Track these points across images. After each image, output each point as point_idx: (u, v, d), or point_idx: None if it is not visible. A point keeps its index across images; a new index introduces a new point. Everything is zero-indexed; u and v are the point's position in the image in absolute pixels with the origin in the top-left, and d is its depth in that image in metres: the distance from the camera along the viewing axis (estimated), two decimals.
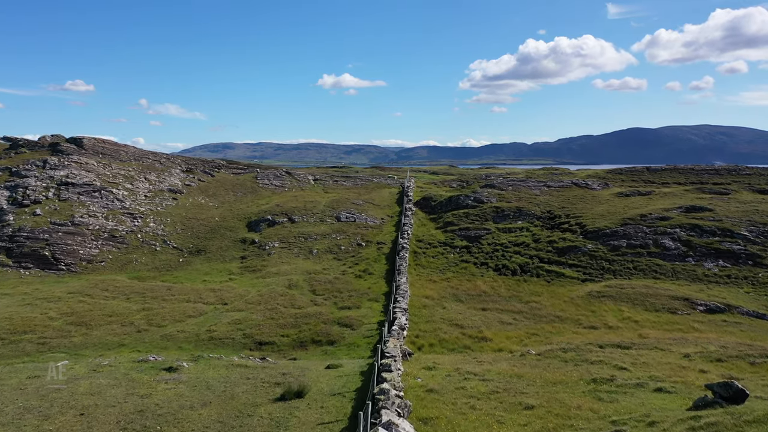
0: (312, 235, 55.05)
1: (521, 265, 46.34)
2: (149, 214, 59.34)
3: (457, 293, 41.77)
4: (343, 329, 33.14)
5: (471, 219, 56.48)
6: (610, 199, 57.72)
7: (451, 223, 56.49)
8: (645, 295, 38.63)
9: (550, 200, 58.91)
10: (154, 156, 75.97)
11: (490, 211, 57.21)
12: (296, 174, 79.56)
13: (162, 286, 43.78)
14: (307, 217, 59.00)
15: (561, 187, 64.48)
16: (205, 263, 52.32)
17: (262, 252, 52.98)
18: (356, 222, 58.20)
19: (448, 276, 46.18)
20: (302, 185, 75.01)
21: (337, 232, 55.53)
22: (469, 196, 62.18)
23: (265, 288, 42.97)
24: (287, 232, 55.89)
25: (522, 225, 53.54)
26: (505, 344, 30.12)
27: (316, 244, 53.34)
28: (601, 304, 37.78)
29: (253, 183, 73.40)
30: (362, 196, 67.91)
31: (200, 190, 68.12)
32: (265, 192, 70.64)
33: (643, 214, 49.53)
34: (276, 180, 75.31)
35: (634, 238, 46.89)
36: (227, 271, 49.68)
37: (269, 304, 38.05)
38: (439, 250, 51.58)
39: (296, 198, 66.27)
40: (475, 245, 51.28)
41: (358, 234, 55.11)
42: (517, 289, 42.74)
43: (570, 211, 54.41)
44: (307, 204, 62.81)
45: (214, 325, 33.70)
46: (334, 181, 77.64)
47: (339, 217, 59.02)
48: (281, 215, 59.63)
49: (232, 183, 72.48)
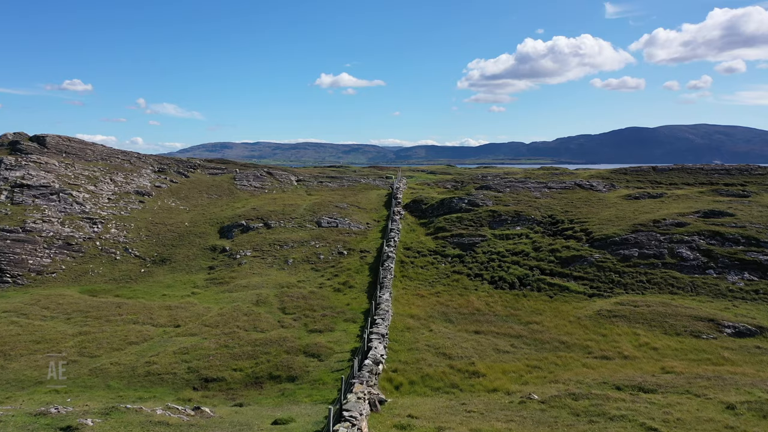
0: (288, 242, 49.77)
1: (520, 278, 41.17)
2: (111, 219, 53.98)
3: (447, 311, 36.56)
4: (308, 360, 27.88)
5: (465, 224, 51.25)
6: (618, 202, 52.49)
7: (442, 229, 51.27)
8: (663, 315, 33.46)
9: (551, 203, 53.66)
10: (124, 155, 70.50)
11: (485, 216, 51.96)
12: (278, 174, 74.15)
13: (112, 303, 38.48)
14: (284, 222, 53.69)
15: (563, 188, 59.25)
16: (168, 274, 47.03)
17: (232, 261, 47.71)
18: (338, 228, 52.93)
19: (437, 289, 41.00)
20: (284, 186, 69.65)
21: (316, 239, 50.26)
22: (462, 198, 56.92)
23: (229, 305, 37.72)
24: (261, 239, 50.59)
25: (521, 231, 48.35)
26: (501, 382, 24.89)
27: (292, 253, 48.08)
28: (613, 327, 32.58)
29: (230, 184, 67.99)
30: (347, 199, 62.60)
31: (171, 192, 62.71)
32: (242, 194, 65.26)
33: (656, 220, 44.33)
34: (256, 181, 69.93)
35: (647, 246, 41.71)
36: (191, 284, 44.41)
37: (228, 327, 32.78)
38: (429, 259, 46.38)
39: (275, 201, 60.94)
40: (469, 254, 46.09)
41: (339, 241, 49.85)
42: (516, 305, 37.55)
43: (574, 216, 49.21)
44: (286, 207, 57.50)
45: (156, 356, 28.40)
46: (318, 182, 72.32)
47: (320, 222, 53.71)
48: (256, 220, 54.33)
49: (208, 184, 67.07)
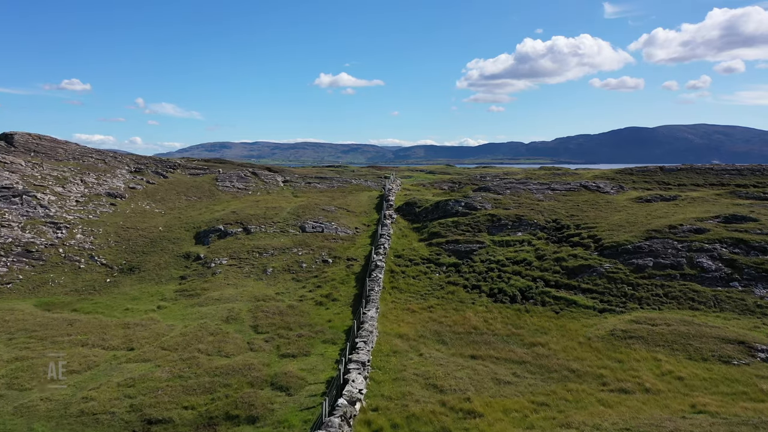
0: (269, 249, 45.55)
1: (522, 290, 37.04)
2: (78, 224, 49.74)
3: (440, 329, 32.40)
4: (275, 395, 23.68)
5: (461, 229, 47.09)
6: (628, 205, 48.33)
7: (437, 234, 47.09)
8: (686, 336, 29.32)
9: (555, 206, 49.49)
10: (98, 155, 66.23)
11: (484, 220, 47.78)
12: (263, 175, 69.90)
13: (64, 321, 34.23)
14: (265, 227, 49.47)
15: (568, 190, 55.08)
16: (136, 285, 42.81)
17: (206, 271, 43.49)
18: (324, 233, 48.71)
19: (430, 303, 36.87)
20: (269, 188, 65.44)
21: (299, 246, 46.04)
22: (459, 201, 52.72)
23: (196, 322, 33.53)
24: (239, 246, 46.38)
25: (523, 237, 44.18)
26: (503, 425, 20.73)
27: (272, 261, 43.88)
28: (629, 350, 28.43)
29: (211, 185, 63.77)
30: (335, 201, 58.42)
31: (146, 193, 58.48)
32: (223, 196, 61.04)
33: (672, 226, 40.17)
34: (239, 182, 65.72)
35: (663, 255, 37.58)
36: (159, 296, 40.20)
37: (188, 351, 28.57)
38: (422, 268, 42.23)
39: (257, 203, 56.73)
40: (466, 263, 41.95)
41: (324, 248, 45.67)
42: (518, 323, 33.41)
43: (580, 221, 45.05)
44: (269, 211, 53.28)
45: (97, 389, 24.18)
46: (306, 183, 68.10)
47: (304, 227, 49.49)
48: (235, 224, 50.09)
49: (187, 185, 62.86)
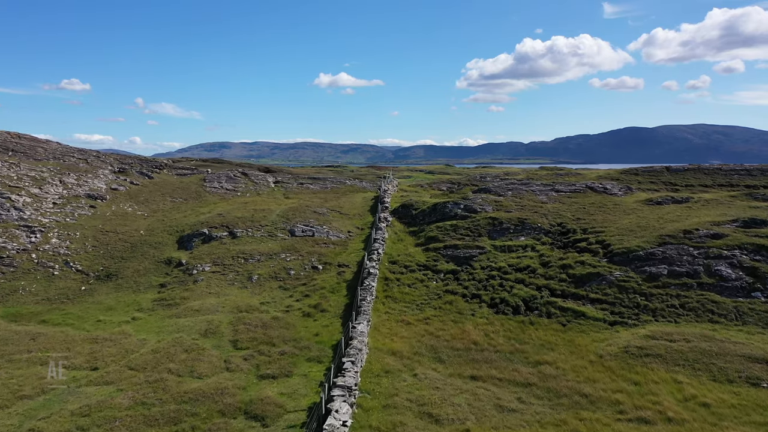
0: (255, 254, 42.72)
1: (526, 300, 34.24)
2: (53, 227, 46.86)
3: (437, 345, 29.62)
4: (248, 425, 20.85)
5: (460, 233, 44.27)
6: (638, 207, 45.52)
7: (434, 239, 44.29)
8: (708, 354, 26.55)
9: (560, 209, 46.66)
10: (80, 154, 63.36)
11: (484, 224, 44.96)
12: (253, 175, 67.05)
13: (26, 335, 31.38)
14: (252, 231, 46.61)
15: (573, 191, 52.26)
16: (112, 293, 39.95)
17: (187, 278, 40.65)
18: (315, 237, 45.88)
19: (427, 314, 34.08)
20: (259, 189, 62.64)
21: (288, 251, 43.21)
22: (458, 203, 49.88)
23: (171, 336, 30.71)
24: (224, 251, 43.53)
25: (526, 242, 41.38)
26: None
27: (258, 268, 41.05)
28: (646, 370, 25.66)
29: (198, 186, 60.93)
30: (328, 203, 55.59)
31: (129, 195, 55.62)
32: (211, 197, 58.21)
33: (687, 230, 37.38)
34: (228, 183, 62.89)
35: (678, 263, 34.79)
36: (135, 306, 37.34)
37: (157, 371, 25.75)
38: (418, 275, 39.42)
39: (245, 205, 53.88)
40: (465, 269, 39.15)
41: (314, 253, 42.84)
42: (522, 337, 30.62)
43: (588, 224, 42.24)
44: (257, 213, 50.42)
45: (47, 419, 21.32)
46: (298, 183, 65.29)
47: (293, 231, 46.64)
48: (221, 228, 47.24)
49: (173, 186, 60.02)
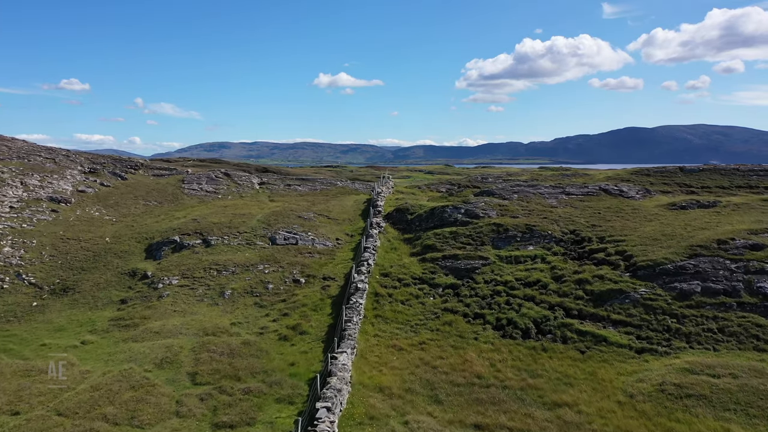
0: (230, 266, 37.93)
1: (537, 321, 29.53)
2: (7, 234, 42.06)
3: (433, 380, 24.88)
4: None
5: (461, 242, 39.52)
6: (660, 213, 40.76)
7: (432, 248, 39.53)
8: (763, 395, 21.82)
9: (572, 214, 41.89)
10: (49, 153, 58.54)
11: (488, 231, 40.19)
12: (236, 176, 62.24)
13: None
14: (229, 239, 41.83)
15: (585, 194, 47.48)
16: (66, 310, 35.14)
17: (151, 293, 35.86)
18: (298, 245, 41.10)
19: (422, 338, 29.36)
20: (242, 191, 57.88)
21: (266, 262, 38.43)
22: (458, 207, 45.09)
23: (120, 367, 25.95)
24: (195, 262, 38.75)
25: (535, 252, 36.63)
26: None
27: (232, 281, 36.27)
28: (690, 417, 20.93)
29: (176, 188, 56.17)
30: (316, 206, 50.81)
31: (98, 198, 50.84)
32: (189, 200, 53.44)
33: (721, 240, 32.64)
34: (209, 184, 58.13)
35: (714, 278, 30.07)
36: (89, 326, 32.55)
37: (89, 418, 20.96)
38: (413, 290, 34.67)
39: (225, 209, 49.10)
40: (466, 284, 34.42)
41: (297, 264, 38.07)
42: (534, 367, 25.92)
43: (604, 232, 37.48)
44: (236, 218, 45.63)
45: None
46: (285, 185, 60.54)
47: (274, 239, 41.84)
48: (194, 235, 42.43)
49: (148, 188, 55.26)
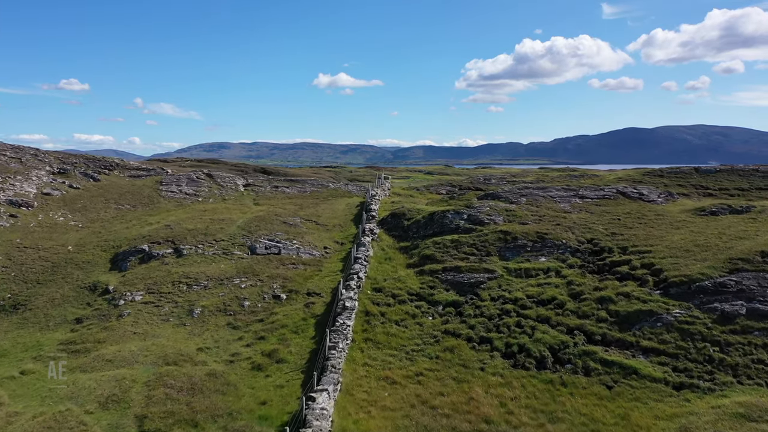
0: (202, 279, 33.50)
1: (554, 348, 25.15)
2: None
3: (432, 426, 20.45)
4: None
5: (464, 252, 35.09)
6: (688, 219, 36.34)
7: (431, 259, 35.11)
8: None
9: (588, 220, 37.47)
10: (15, 152, 54.03)
11: (494, 239, 35.77)
12: (220, 178, 57.77)
13: None
14: (203, 247, 37.39)
15: (601, 198, 43.04)
16: (13, 330, 30.69)
17: (111, 311, 31.42)
18: (281, 255, 36.67)
19: (420, 368, 24.96)
20: (225, 193, 53.47)
21: (244, 275, 34.01)
22: (460, 212, 40.65)
23: (55, 408, 21.53)
24: (164, 274, 34.31)
25: (548, 264, 32.21)
26: None
27: (203, 297, 31.84)
28: None
29: (153, 190, 51.74)
30: (304, 210, 46.39)
31: (65, 201, 46.43)
32: (166, 204, 49.01)
33: (765, 252, 28.25)
34: (189, 186, 53.71)
35: (761, 298, 25.70)
36: (35, 351, 28.12)
37: None
38: (410, 308, 30.24)
39: (203, 214, 44.67)
40: (470, 301, 30.01)
41: (278, 277, 33.63)
42: (553, 408, 21.52)
43: (626, 241, 33.07)
44: (213, 225, 41.20)
45: None
46: (272, 187, 56.10)
47: (254, 248, 37.40)
48: (165, 243, 37.98)
49: (122, 190, 50.85)
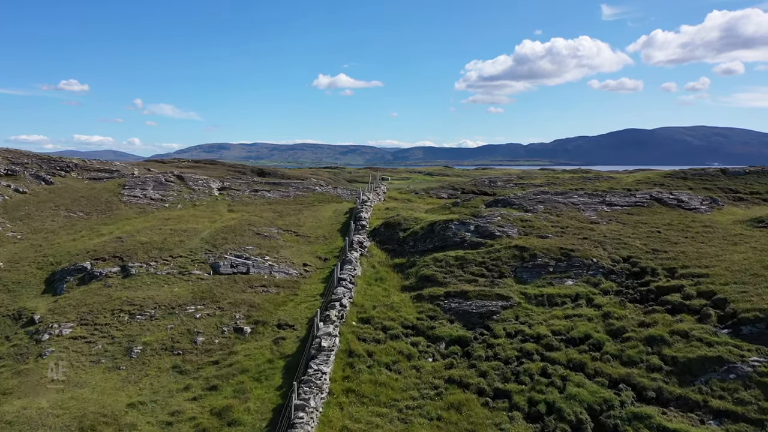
0: (148, 306, 27.17)
1: (594, 409, 18.92)
2: None
3: None
4: None
5: (471, 272, 28.78)
6: (745, 232, 30.00)
7: (430, 280, 28.77)
8: None
9: (622, 233, 31.11)
10: None
11: (508, 256, 29.45)
12: (192, 181, 51.35)
13: None
14: (156, 265, 31.04)
15: (633, 205, 36.70)
16: None
17: (31, 347, 25.09)
18: (249, 275, 30.35)
19: None
20: (197, 198, 47.19)
21: (201, 301, 27.67)
22: (466, 222, 34.26)
23: None
24: (103, 299, 27.96)
25: (577, 289, 25.93)
26: None
27: (147, 331, 25.50)
28: None
29: (113, 195, 45.47)
30: (283, 219, 40.13)
31: (5, 208, 40.06)
32: (126, 210, 42.72)
33: None
34: (156, 190, 47.44)
35: None
36: None
37: None
38: (404, 346, 23.92)
39: (165, 222, 38.37)
40: (481, 337, 23.74)
41: (243, 304, 27.30)
42: None
43: (674, 261, 26.77)
44: (172, 237, 34.87)
45: None
46: (252, 191, 49.84)
47: (217, 266, 31.06)
48: (111, 260, 31.65)
49: (77, 195, 44.61)
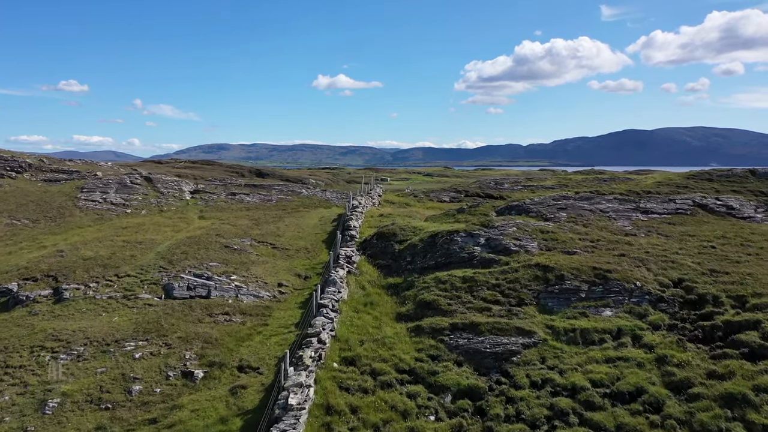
0: (77, 342, 21.56)
1: None
2: None
3: None
4: None
5: (482, 297, 23.21)
6: None
7: (432, 307, 23.16)
8: None
9: (667, 248, 25.53)
10: None
11: (528, 278, 23.87)
12: (161, 183, 45.67)
13: None
14: (96, 287, 25.45)
15: (674, 212, 31.07)
16: None
17: None
18: (210, 299, 24.75)
19: None
20: (165, 202, 41.65)
21: (144, 334, 22.08)
22: (474, 234, 28.60)
23: None
24: (24, 333, 22.37)
25: (618, 322, 20.39)
26: None
27: (69, 377, 19.87)
28: None
29: (68, 199, 39.97)
30: (260, 227, 34.62)
31: None
32: (81, 217, 37.22)
33: None
34: (119, 193, 41.92)
35: None
36: None
37: None
38: (399, 399, 18.27)
39: (120, 233, 32.82)
40: (498, 389, 18.19)
41: (197, 339, 21.70)
42: None
43: (740, 285, 21.21)
44: (123, 250, 29.27)
45: None
46: (229, 194, 44.32)
47: (171, 288, 25.42)
48: (43, 280, 26.05)
49: (25, 199, 39.10)
